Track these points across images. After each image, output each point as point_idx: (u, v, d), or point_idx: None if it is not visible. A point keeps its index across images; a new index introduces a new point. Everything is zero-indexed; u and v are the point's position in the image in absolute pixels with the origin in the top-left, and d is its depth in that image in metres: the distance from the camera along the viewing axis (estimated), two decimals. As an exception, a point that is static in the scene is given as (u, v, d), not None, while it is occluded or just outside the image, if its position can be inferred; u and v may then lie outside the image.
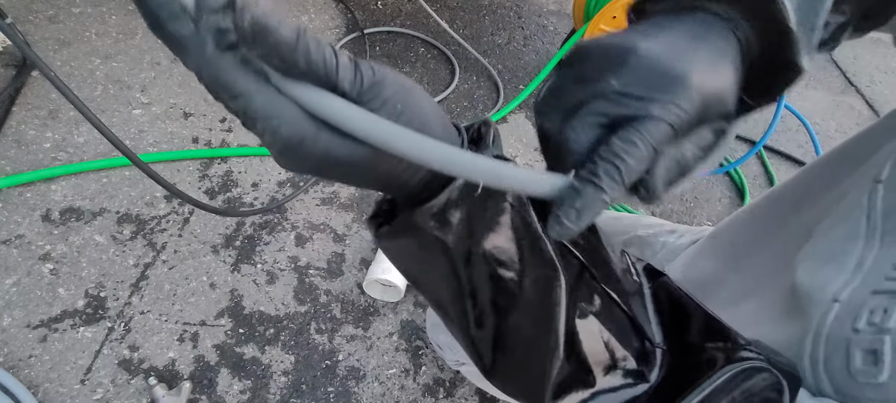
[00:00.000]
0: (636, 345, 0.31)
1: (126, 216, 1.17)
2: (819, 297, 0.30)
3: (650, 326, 0.32)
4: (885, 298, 0.26)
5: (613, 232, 0.80)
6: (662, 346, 0.32)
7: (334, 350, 1.13)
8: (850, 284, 0.29)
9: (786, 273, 0.37)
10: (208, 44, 0.21)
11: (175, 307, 1.09)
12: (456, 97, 1.72)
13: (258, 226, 1.25)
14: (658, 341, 0.32)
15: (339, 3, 1.84)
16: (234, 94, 0.22)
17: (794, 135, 2.04)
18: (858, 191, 0.33)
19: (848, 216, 0.32)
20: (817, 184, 0.47)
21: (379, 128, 0.23)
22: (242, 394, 1.03)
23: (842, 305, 0.28)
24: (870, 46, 2.73)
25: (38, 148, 1.20)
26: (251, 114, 0.23)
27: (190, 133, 1.35)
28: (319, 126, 0.23)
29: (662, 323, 0.33)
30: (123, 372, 1.00)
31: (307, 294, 1.18)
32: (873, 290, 0.27)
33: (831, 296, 0.29)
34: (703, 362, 0.30)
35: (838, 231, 0.32)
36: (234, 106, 0.23)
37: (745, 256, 0.51)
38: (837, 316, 0.28)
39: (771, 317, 0.35)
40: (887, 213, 0.30)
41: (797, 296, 0.32)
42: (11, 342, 0.97)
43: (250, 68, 0.22)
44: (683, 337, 0.32)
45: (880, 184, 0.32)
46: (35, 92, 1.28)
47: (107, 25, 1.48)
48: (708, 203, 1.73)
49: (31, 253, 1.07)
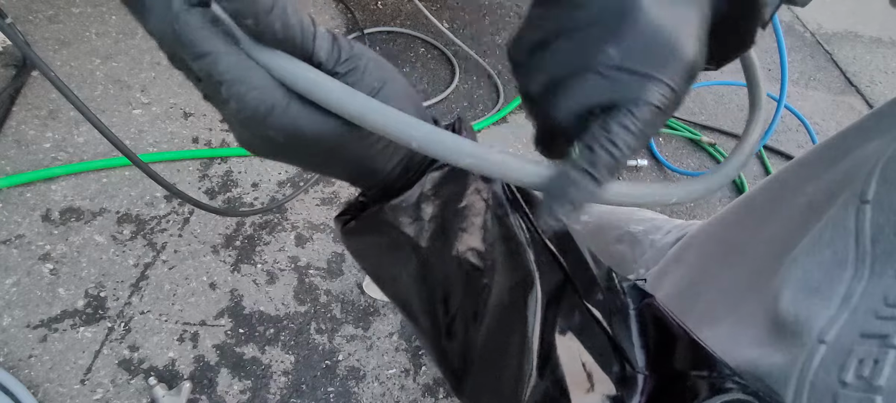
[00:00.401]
0: (617, 370, 0.29)
1: (126, 216, 1.17)
2: (804, 332, 0.28)
3: (633, 349, 0.30)
4: (874, 345, 0.25)
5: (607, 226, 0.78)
6: (645, 372, 0.30)
7: (334, 350, 1.12)
8: (836, 322, 0.27)
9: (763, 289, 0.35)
10: (176, 0, 0.19)
11: (175, 307, 1.09)
12: (456, 97, 1.72)
13: (258, 226, 1.25)
14: (640, 366, 0.30)
15: (339, 3, 1.84)
16: (199, 54, 0.20)
17: (794, 135, 2.04)
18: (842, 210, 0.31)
19: (833, 238, 0.30)
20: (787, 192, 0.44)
21: (355, 99, 0.21)
22: (242, 394, 1.03)
23: (828, 348, 0.26)
24: (870, 46, 2.73)
25: (38, 148, 1.20)
26: (216, 76, 0.20)
27: (190, 133, 1.35)
28: (290, 96, 0.22)
29: (646, 347, 0.31)
30: (123, 372, 1.00)
31: (307, 294, 1.18)
32: (862, 332, 0.26)
33: (817, 335, 0.27)
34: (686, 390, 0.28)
35: (825, 255, 0.30)
36: (197, 67, 0.21)
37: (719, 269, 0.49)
38: (823, 362, 0.26)
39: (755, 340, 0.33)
40: (876, 237, 0.28)
41: (782, 326, 0.31)
42: (11, 342, 0.97)
43: (219, 29, 0.20)
44: (668, 363, 0.30)
45: (867, 204, 0.29)
46: (35, 92, 1.28)
47: (107, 25, 1.48)
48: (708, 203, 1.73)
49: (31, 253, 1.07)
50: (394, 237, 0.28)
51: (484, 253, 0.29)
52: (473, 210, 0.28)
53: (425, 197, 0.27)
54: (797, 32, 2.69)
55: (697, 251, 0.55)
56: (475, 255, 0.29)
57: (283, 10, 0.20)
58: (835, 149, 0.41)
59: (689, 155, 1.85)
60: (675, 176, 1.73)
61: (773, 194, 0.46)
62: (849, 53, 2.62)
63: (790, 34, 2.64)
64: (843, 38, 2.75)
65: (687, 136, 1.88)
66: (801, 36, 2.67)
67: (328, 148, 0.24)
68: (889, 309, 0.26)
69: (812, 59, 2.52)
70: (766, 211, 0.44)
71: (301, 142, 0.23)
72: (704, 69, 0.27)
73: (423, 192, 0.27)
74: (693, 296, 0.49)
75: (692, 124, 1.93)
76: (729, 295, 0.43)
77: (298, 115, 0.22)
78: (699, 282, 0.50)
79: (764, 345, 0.32)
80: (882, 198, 0.29)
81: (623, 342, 0.30)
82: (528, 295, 0.28)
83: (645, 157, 1.71)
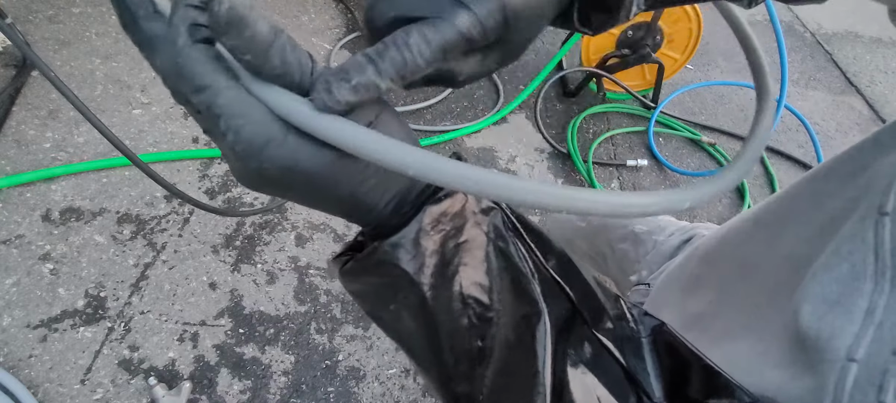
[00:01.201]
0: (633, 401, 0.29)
1: (126, 216, 1.17)
2: (831, 350, 0.28)
3: (649, 379, 0.30)
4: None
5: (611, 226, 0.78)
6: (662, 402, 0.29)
7: (334, 350, 1.12)
8: (863, 338, 0.27)
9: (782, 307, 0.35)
10: (181, 35, 0.20)
11: (175, 307, 1.09)
12: (456, 97, 1.72)
13: (258, 226, 1.25)
14: (658, 397, 0.29)
15: (339, 3, 1.84)
16: (199, 87, 0.21)
17: (794, 135, 2.04)
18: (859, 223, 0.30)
19: (851, 251, 0.30)
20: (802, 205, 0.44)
21: (349, 130, 0.22)
22: (242, 394, 1.03)
23: (861, 367, 0.26)
24: (870, 46, 2.73)
25: (38, 148, 1.20)
26: (216, 110, 0.21)
27: (190, 133, 1.35)
28: (287, 130, 0.22)
29: (661, 376, 0.30)
30: (123, 372, 1.00)
31: (307, 294, 1.18)
32: (894, 350, 0.25)
33: (845, 353, 0.27)
34: None
35: (843, 268, 0.30)
36: (197, 100, 0.21)
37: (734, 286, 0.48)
38: (858, 382, 0.26)
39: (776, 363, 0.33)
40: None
41: (803, 343, 0.30)
42: (11, 342, 0.97)
43: (221, 64, 0.21)
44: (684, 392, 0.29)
45: (887, 216, 0.29)
46: (35, 92, 1.28)
47: (107, 25, 1.48)
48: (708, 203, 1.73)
49: (31, 253, 1.07)
50: (394, 276, 0.27)
51: (488, 288, 0.28)
52: (474, 243, 0.28)
53: (424, 232, 0.27)
54: (797, 32, 2.69)
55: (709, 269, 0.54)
56: (479, 289, 0.28)
57: (281, 48, 0.21)
58: (851, 164, 0.40)
59: (689, 155, 1.85)
60: (674, 176, 1.73)
61: (786, 209, 0.46)
62: (849, 53, 2.62)
63: (790, 34, 2.64)
64: (843, 38, 2.75)
65: (687, 136, 1.88)
66: (801, 36, 2.67)
67: (322, 183, 0.24)
68: None
69: (812, 59, 2.52)
70: (780, 227, 0.44)
71: (296, 175, 0.23)
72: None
73: (421, 228, 0.27)
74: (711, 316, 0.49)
75: (692, 124, 1.93)
76: (747, 312, 0.43)
77: (295, 149, 0.22)
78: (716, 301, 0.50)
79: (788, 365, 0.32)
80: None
81: (638, 372, 0.29)
82: (537, 329, 0.28)
83: (645, 157, 1.71)
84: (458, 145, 1.61)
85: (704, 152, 1.87)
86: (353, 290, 0.31)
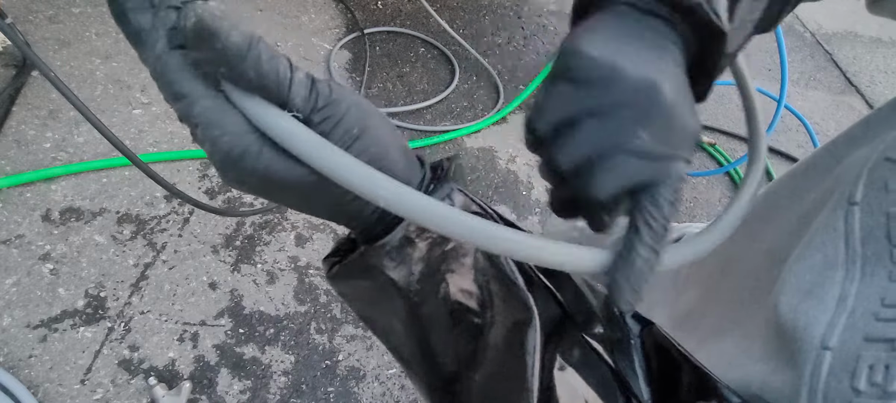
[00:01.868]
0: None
1: (126, 216, 1.17)
2: (806, 339, 0.28)
3: (638, 381, 0.29)
4: (882, 349, 0.25)
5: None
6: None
7: (334, 350, 1.12)
8: (836, 325, 0.27)
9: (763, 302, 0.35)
10: (160, 40, 0.20)
11: (175, 307, 1.09)
12: (456, 97, 1.72)
13: (258, 226, 1.25)
14: (646, 398, 0.29)
15: (339, 3, 1.84)
16: (176, 95, 0.21)
17: (794, 135, 2.04)
18: (831, 214, 0.31)
19: (823, 242, 0.30)
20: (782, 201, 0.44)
21: (322, 151, 0.21)
22: (242, 394, 1.03)
23: (834, 354, 0.26)
24: (870, 46, 2.73)
25: (38, 148, 1.20)
26: (192, 119, 0.21)
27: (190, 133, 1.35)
28: (264, 141, 0.22)
29: (650, 378, 0.30)
30: (123, 372, 1.00)
31: (307, 294, 1.18)
32: (866, 336, 0.26)
33: (820, 341, 0.27)
34: None
35: (816, 258, 0.30)
36: (175, 108, 0.21)
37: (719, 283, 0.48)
38: (832, 369, 0.26)
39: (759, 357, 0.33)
40: (866, 239, 0.28)
41: (783, 336, 0.30)
42: (11, 342, 0.97)
43: (200, 72, 0.21)
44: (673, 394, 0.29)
45: (855, 206, 0.29)
46: (35, 92, 1.28)
47: (107, 25, 1.48)
48: (708, 203, 1.73)
49: (31, 253, 1.07)
50: (381, 281, 0.27)
51: (476, 295, 0.28)
52: (462, 250, 0.27)
53: (409, 239, 0.26)
54: (797, 32, 2.69)
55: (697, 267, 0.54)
56: (467, 297, 0.28)
57: (256, 58, 0.20)
58: (827, 158, 0.41)
59: (689, 155, 1.85)
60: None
61: (767, 205, 0.46)
62: (849, 53, 2.62)
63: (790, 34, 2.64)
64: (843, 38, 2.75)
65: (687, 136, 1.88)
66: (801, 36, 2.67)
67: (300, 194, 0.24)
68: (887, 309, 0.26)
69: (812, 59, 2.52)
70: (762, 223, 0.44)
71: (277, 187, 0.23)
72: None
73: (406, 234, 0.26)
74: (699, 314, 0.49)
75: (692, 124, 1.93)
76: (732, 308, 0.43)
77: (270, 162, 0.22)
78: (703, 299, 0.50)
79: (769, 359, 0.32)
80: (870, 201, 0.29)
81: (627, 374, 0.29)
82: (527, 335, 0.27)
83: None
84: (459, 145, 1.61)
85: (704, 152, 1.87)
86: (342, 292, 0.31)
